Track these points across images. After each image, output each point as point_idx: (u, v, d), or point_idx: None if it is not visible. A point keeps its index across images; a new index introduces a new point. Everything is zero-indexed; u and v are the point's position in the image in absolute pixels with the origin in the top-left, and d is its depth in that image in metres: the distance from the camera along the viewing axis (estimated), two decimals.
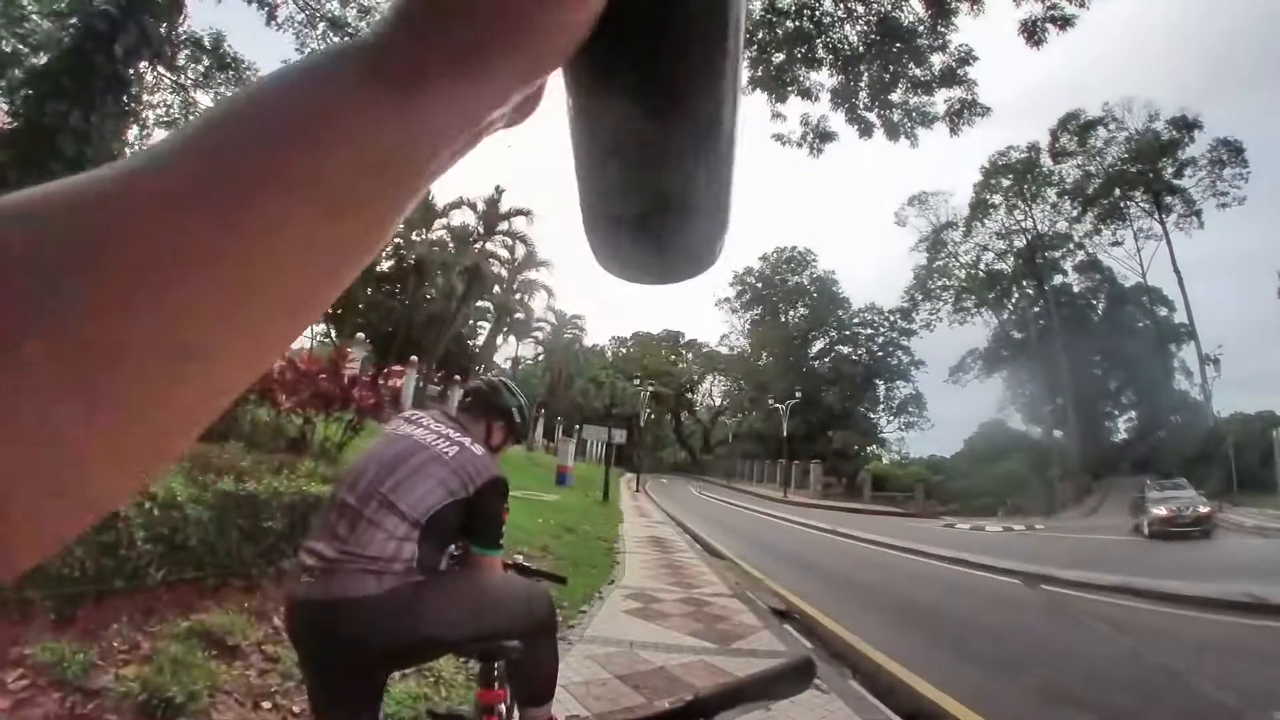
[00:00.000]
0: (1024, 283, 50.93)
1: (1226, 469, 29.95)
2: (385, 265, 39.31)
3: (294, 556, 3.56)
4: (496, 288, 40.52)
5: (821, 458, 42.98)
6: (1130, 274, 50.15)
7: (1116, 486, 35.90)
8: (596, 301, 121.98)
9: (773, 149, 11.15)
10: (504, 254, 40.70)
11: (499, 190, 39.70)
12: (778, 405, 44.73)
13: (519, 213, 39.97)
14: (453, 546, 1.85)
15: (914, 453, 55.60)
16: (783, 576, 9.09)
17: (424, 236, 39.20)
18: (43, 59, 8.50)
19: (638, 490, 28.29)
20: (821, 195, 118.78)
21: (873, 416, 57.86)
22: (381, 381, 11.17)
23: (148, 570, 3.11)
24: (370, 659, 1.61)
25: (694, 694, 0.79)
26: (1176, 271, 44.51)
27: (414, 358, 24.67)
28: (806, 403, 48.17)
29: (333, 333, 35.24)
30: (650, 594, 6.74)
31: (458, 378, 36.47)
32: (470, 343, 44.30)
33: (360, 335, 25.22)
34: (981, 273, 52.25)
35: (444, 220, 39.87)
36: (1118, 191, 46.54)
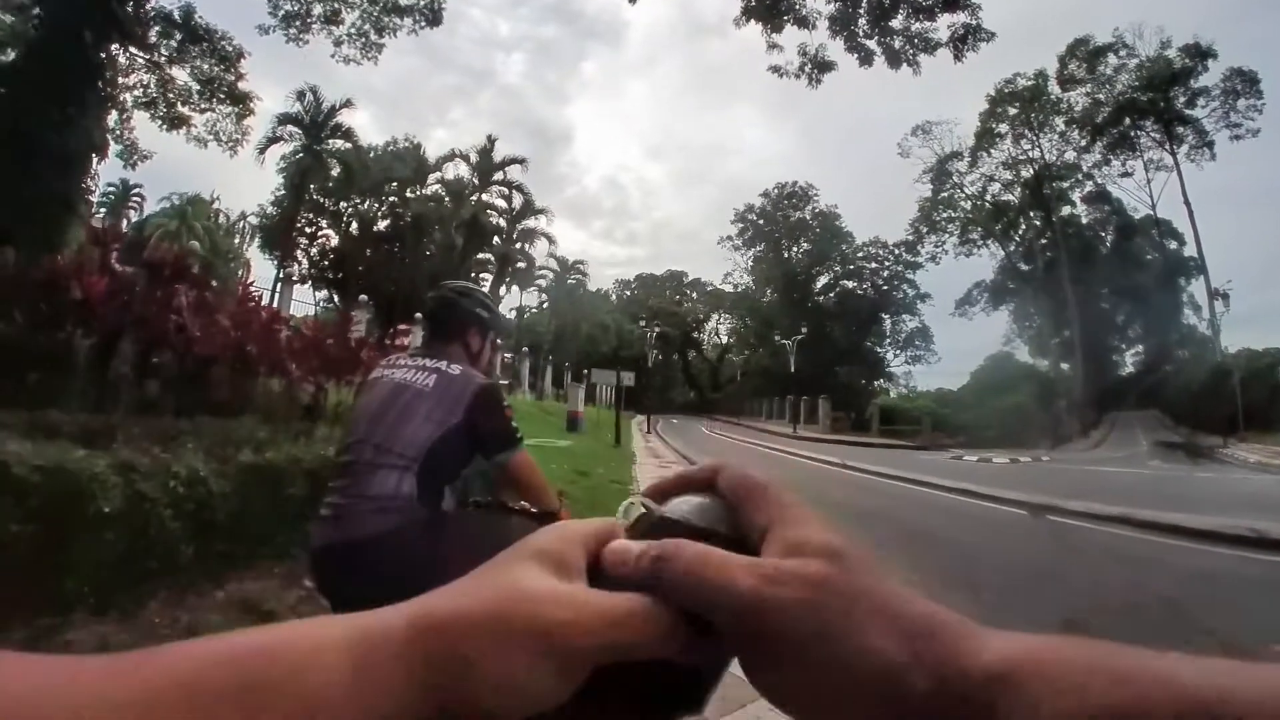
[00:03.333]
0: (1031, 214, 50.06)
1: (1233, 405, 29.92)
2: (382, 225, 38.99)
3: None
4: (496, 239, 40.26)
5: (829, 393, 43.17)
6: (1140, 206, 49.45)
7: (1121, 420, 36.00)
8: (597, 243, 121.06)
9: (770, 81, 10.89)
10: (501, 204, 40.30)
11: (491, 140, 38.93)
12: (784, 341, 44.65)
13: (513, 161, 39.32)
14: (477, 497, 1.88)
15: (921, 386, 55.93)
16: None
17: (418, 193, 38.69)
18: (10, 56, 8.23)
19: (649, 432, 28.63)
20: (822, 128, 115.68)
21: (879, 351, 58.02)
22: (389, 342, 11.24)
23: (178, 548, 3.23)
24: (384, 597, 1.67)
25: None
26: (1187, 204, 43.51)
27: (419, 315, 24.69)
28: (813, 338, 48.11)
29: (335, 298, 35.27)
30: None
31: None
32: None
33: (363, 298, 25.16)
34: (987, 204, 51.29)
35: (437, 174, 39.35)
36: (1127, 121, 45.05)
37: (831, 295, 58.08)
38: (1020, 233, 51.35)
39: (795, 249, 60.35)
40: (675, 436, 28.28)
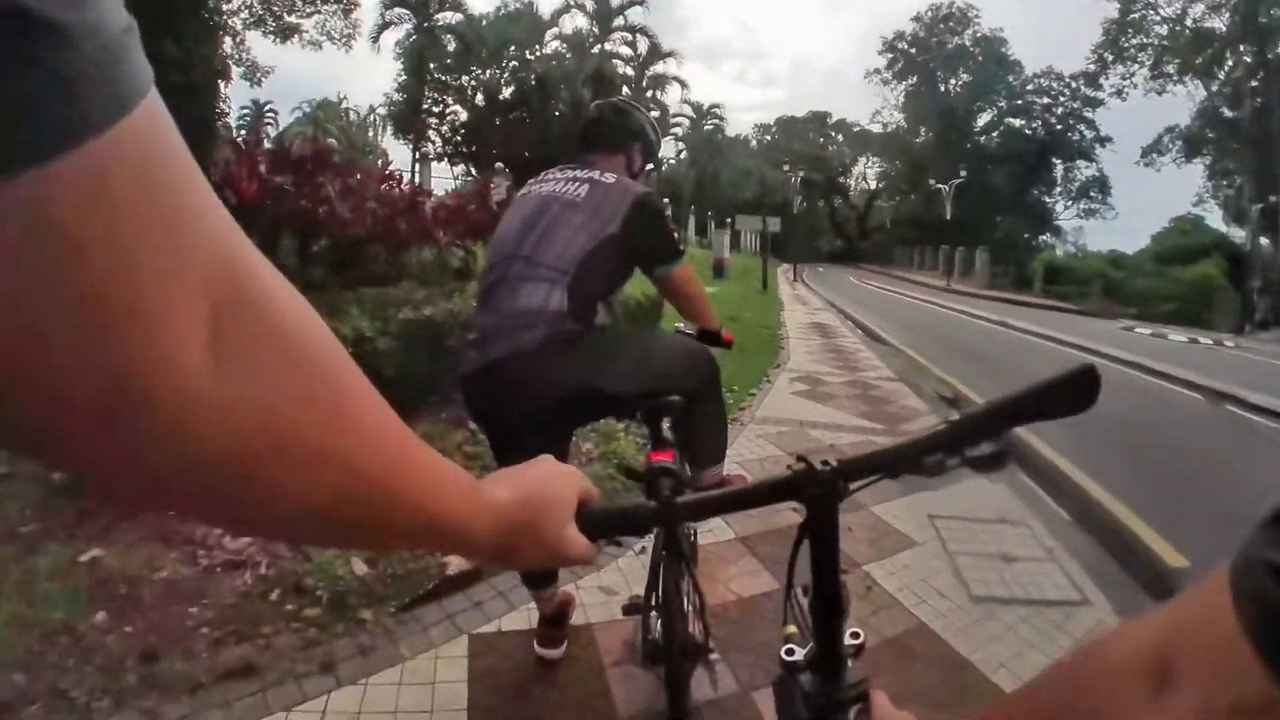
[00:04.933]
0: (1241, 47, 37.94)
1: None
2: (507, 92, 38.59)
3: None
4: (625, 89, 38.63)
5: (988, 245, 38.55)
6: None
7: None
8: (732, 86, 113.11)
9: None
10: (626, 51, 38.35)
11: None
12: (939, 186, 40.00)
13: (634, 2, 36.71)
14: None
15: (1092, 245, 47.61)
16: (948, 364, 8.77)
17: (538, 52, 37.60)
18: None
19: (795, 280, 27.69)
20: None
21: (1047, 201, 50.06)
22: None
23: None
24: (534, 413, 1.57)
25: (958, 414, 0.64)
26: None
27: None
28: (972, 183, 41.87)
29: (472, 170, 36.18)
30: (817, 377, 6.76)
31: None
32: None
33: (499, 165, 25.60)
34: (1187, 30, 39.74)
35: (554, 30, 37.79)
36: None
37: (995, 135, 50.21)
38: (1226, 70, 39.50)
39: (953, 81, 52.05)
40: (822, 285, 27.25)
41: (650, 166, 1.97)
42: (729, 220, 27.67)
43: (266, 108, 39.52)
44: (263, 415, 0.27)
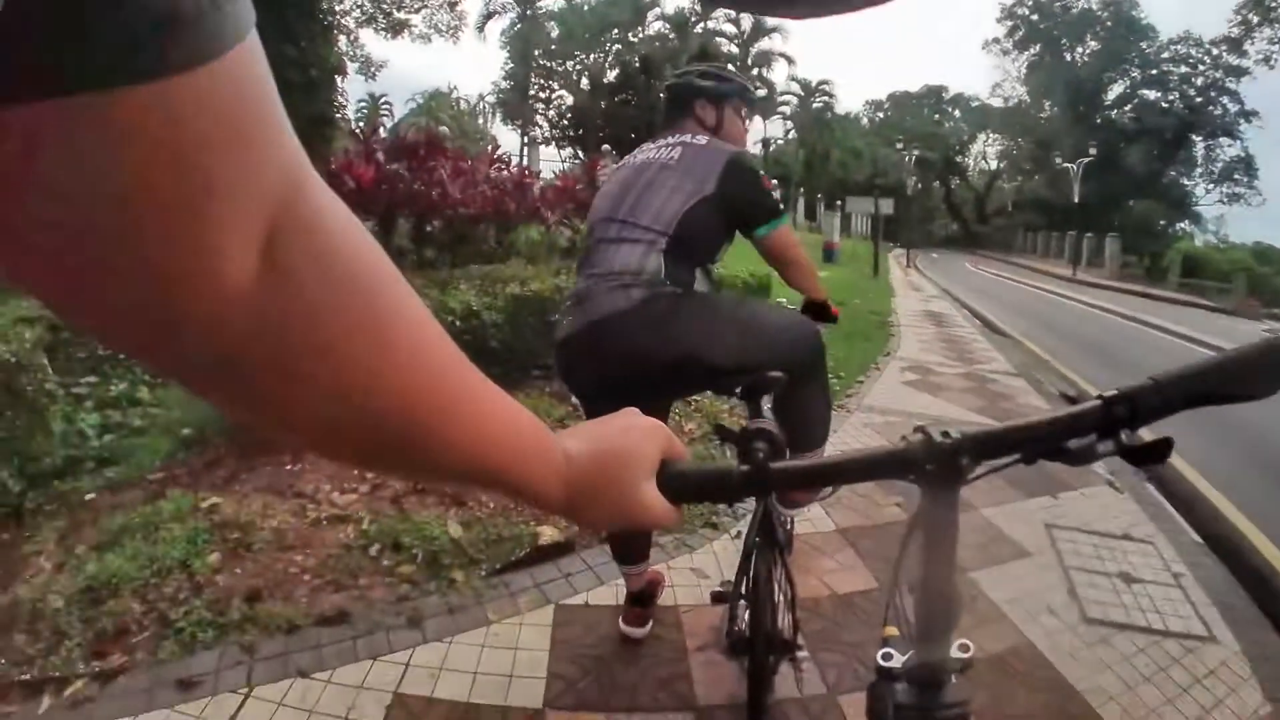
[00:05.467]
0: None
1: None
2: (611, 75, 38.84)
3: None
4: (730, 67, 37.92)
5: (1118, 231, 34.63)
6: None
7: None
8: (841, 65, 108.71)
9: None
10: (730, 29, 37.66)
11: None
12: (1066, 165, 36.39)
13: None
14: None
15: (1235, 235, 42.33)
16: (1073, 360, 8.22)
17: (641, 34, 37.54)
18: None
19: (908, 266, 26.32)
20: None
21: (1186, 183, 44.43)
22: None
23: None
24: (628, 378, 1.53)
25: (1115, 389, 0.53)
26: None
27: None
28: (1102, 163, 37.43)
29: (579, 153, 36.76)
30: (928, 367, 6.43)
31: None
32: None
33: (605, 147, 25.89)
34: None
35: (656, 11, 37.63)
36: None
37: (1127, 109, 44.82)
38: None
39: (1080, 50, 47.10)
40: (936, 272, 25.75)
41: (739, 111, 1.91)
42: (839, 202, 26.62)
43: (382, 100, 41.88)
44: (302, 332, 0.28)
